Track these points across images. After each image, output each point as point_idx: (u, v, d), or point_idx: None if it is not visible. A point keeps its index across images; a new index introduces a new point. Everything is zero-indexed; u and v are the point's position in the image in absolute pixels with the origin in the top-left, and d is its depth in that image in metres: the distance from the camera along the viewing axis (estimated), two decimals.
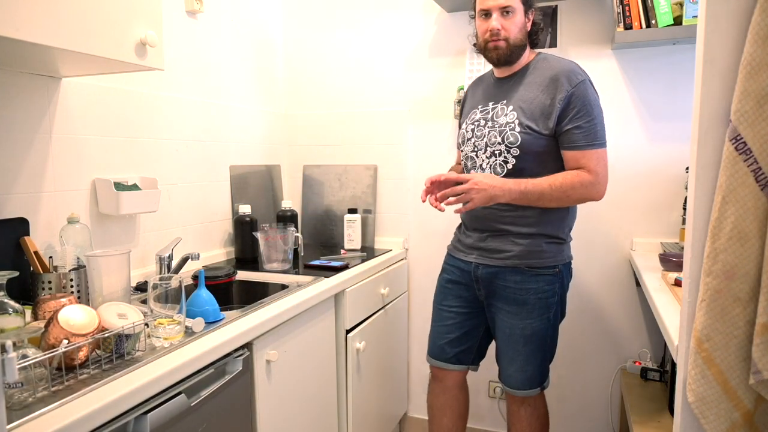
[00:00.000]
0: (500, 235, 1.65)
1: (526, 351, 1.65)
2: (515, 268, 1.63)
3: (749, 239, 0.89)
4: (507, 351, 1.69)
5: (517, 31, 1.60)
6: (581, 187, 1.55)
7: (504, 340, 1.69)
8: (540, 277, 1.62)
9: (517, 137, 1.58)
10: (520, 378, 1.67)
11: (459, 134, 1.79)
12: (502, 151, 1.61)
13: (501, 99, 1.67)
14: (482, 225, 1.69)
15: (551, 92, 1.57)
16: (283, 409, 1.48)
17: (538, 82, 1.60)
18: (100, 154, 1.60)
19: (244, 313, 1.38)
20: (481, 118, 1.69)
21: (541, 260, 1.62)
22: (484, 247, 1.68)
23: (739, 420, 0.94)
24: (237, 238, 2.09)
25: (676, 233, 2.08)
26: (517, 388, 1.68)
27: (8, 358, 0.81)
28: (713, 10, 0.92)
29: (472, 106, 1.76)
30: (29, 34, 1.03)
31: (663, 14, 1.84)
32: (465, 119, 1.77)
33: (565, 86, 1.55)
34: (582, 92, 1.55)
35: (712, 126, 0.94)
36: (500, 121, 1.63)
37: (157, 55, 1.34)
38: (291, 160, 2.59)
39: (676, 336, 1.08)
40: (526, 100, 1.60)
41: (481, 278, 1.68)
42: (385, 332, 2.13)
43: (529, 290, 1.62)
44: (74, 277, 1.31)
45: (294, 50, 2.56)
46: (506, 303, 1.65)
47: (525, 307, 1.63)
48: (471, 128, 1.71)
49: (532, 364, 1.66)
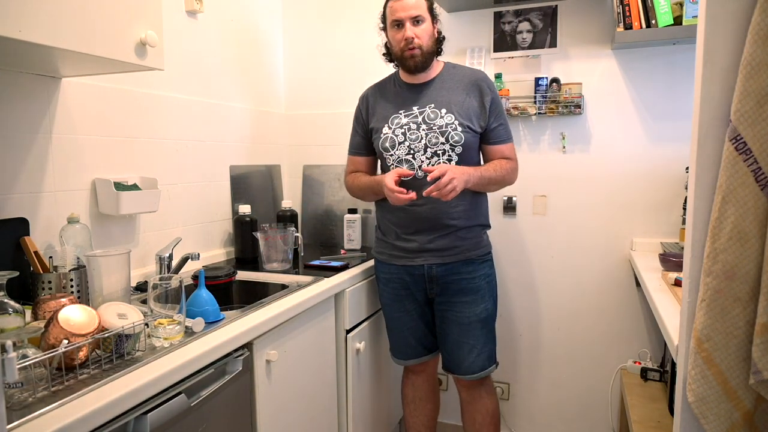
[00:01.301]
0: (446, 234, 1.76)
1: (483, 334, 1.80)
2: (467, 260, 1.77)
3: (749, 239, 0.89)
4: (466, 340, 1.79)
5: (428, 39, 1.71)
6: (511, 172, 1.79)
7: (461, 332, 1.79)
8: (485, 263, 1.81)
9: (461, 136, 1.71)
10: (481, 360, 1.80)
11: (381, 139, 1.78)
12: (446, 150, 1.72)
13: (425, 103, 1.76)
14: (428, 225, 1.75)
15: (477, 95, 1.75)
16: (283, 409, 1.48)
17: (460, 87, 1.76)
18: (100, 154, 1.60)
19: (244, 313, 1.38)
20: (411, 122, 1.75)
21: (482, 248, 1.82)
22: (434, 248, 1.76)
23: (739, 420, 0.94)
24: (237, 238, 2.09)
25: (676, 233, 2.08)
26: (480, 371, 1.80)
27: (8, 358, 0.81)
28: (713, 10, 0.92)
29: (389, 111, 1.80)
30: (30, 34, 1.03)
31: (663, 14, 1.84)
32: (385, 123, 1.79)
33: (487, 90, 1.75)
34: (497, 95, 1.79)
35: (712, 126, 0.94)
36: (438, 122, 1.72)
37: (157, 55, 1.34)
38: (291, 160, 2.59)
39: (676, 336, 1.08)
40: (456, 102, 1.74)
41: (435, 277, 1.78)
42: (385, 332, 2.12)
43: (480, 277, 1.79)
44: (74, 277, 1.31)
45: (294, 50, 2.56)
46: (462, 295, 1.78)
47: (478, 294, 1.78)
48: (401, 132, 1.76)
49: (490, 343, 1.82)
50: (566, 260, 2.24)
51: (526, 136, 2.25)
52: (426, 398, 1.99)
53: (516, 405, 2.39)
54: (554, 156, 2.21)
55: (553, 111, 2.14)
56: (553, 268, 2.27)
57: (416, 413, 2.00)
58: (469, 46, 2.27)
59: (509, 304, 2.34)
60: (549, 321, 2.29)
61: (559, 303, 2.27)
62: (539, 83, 2.14)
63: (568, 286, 2.25)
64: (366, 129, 1.89)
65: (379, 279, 1.91)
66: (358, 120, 1.92)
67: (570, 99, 2.11)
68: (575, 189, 2.20)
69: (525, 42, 2.20)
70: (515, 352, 2.35)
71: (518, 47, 2.21)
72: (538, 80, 2.14)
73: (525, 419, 2.37)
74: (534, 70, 2.20)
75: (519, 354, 2.36)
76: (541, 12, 2.17)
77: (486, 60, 2.25)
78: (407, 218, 1.77)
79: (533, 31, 2.18)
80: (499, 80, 2.21)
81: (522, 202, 2.29)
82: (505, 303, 2.34)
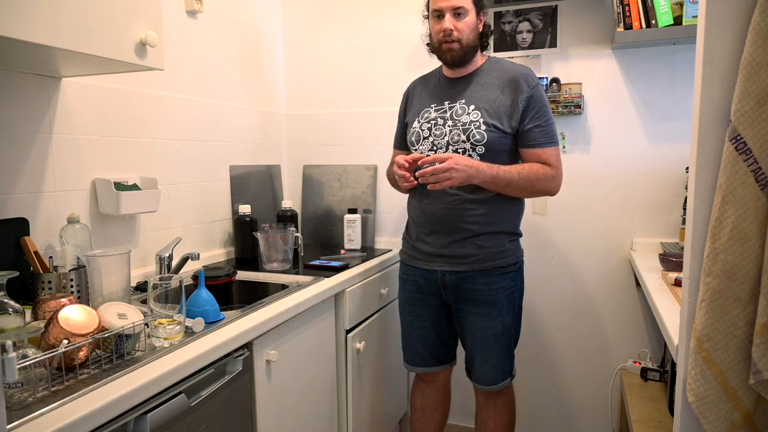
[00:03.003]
0: (463, 239, 1.66)
1: (498, 348, 1.71)
2: (483, 270, 1.66)
3: (749, 239, 0.89)
4: (480, 352, 1.72)
5: (468, 32, 1.63)
6: (545, 179, 1.63)
7: (475, 342, 1.73)
8: (506, 275, 1.68)
9: (483, 135, 1.61)
10: (494, 374, 1.73)
11: (410, 132, 1.76)
12: (466, 149, 1.64)
13: (457, 98, 1.69)
14: (443, 227, 1.68)
15: (511, 93, 1.63)
16: (283, 409, 1.48)
17: (496, 83, 1.66)
18: (100, 154, 1.60)
19: (244, 313, 1.38)
20: (438, 117, 1.70)
21: (504, 259, 1.68)
22: (449, 254, 1.68)
23: (739, 420, 0.94)
24: (237, 238, 2.09)
25: (676, 233, 2.08)
26: (493, 384, 1.74)
27: (8, 358, 0.81)
28: (713, 11, 0.92)
29: (423, 105, 1.76)
30: (30, 34, 1.03)
31: (663, 14, 1.84)
32: (416, 117, 1.76)
33: (524, 88, 1.62)
34: (539, 94, 1.64)
35: (712, 126, 0.94)
36: (463, 119, 1.65)
37: (157, 55, 1.34)
38: (291, 160, 2.59)
39: (676, 336, 1.08)
40: (487, 100, 1.64)
41: (449, 284, 1.70)
42: (385, 332, 2.13)
43: (498, 289, 1.67)
44: (74, 277, 1.31)
45: (294, 50, 2.55)
46: (476, 305, 1.69)
47: (495, 307, 1.67)
48: (427, 126, 1.71)
49: (504, 359, 1.73)
50: (566, 260, 2.24)
51: None
52: (434, 408, 1.94)
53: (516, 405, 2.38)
54: None
55: (553, 111, 2.14)
56: (553, 268, 2.26)
57: (424, 421, 1.95)
58: None
59: None
60: (549, 321, 2.29)
61: (559, 303, 2.27)
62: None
63: (568, 286, 2.25)
64: (403, 122, 1.87)
65: (399, 278, 1.88)
66: (399, 113, 1.90)
67: (570, 99, 2.11)
68: (575, 189, 2.20)
69: (525, 42, 2.20)
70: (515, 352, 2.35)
71: (518, 47, 2.21)
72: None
73: (525, 419, 2.37)
74: (534, 70, 2.19)
75: (519, 354, 2.34)
76: (541, 12, 2.17)
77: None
78: (423, 217, 1.71)
79: (533, 31, 2.18)
80: None
81: None
82: None
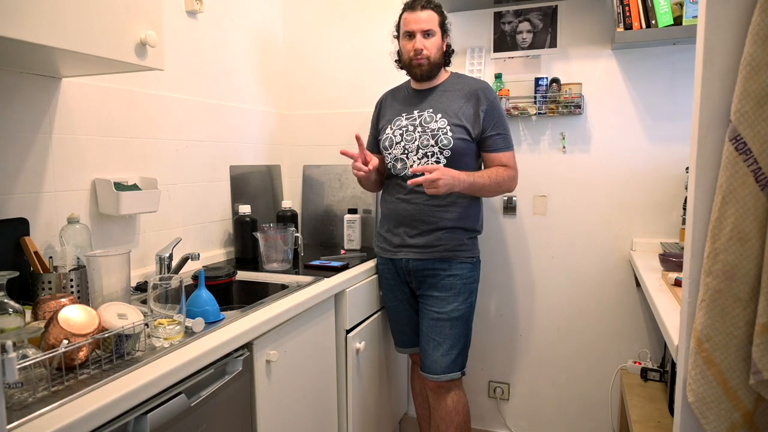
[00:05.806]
0: (427, 232, 1.85)
1: (452, 334, 1.84)
2: (443, 258, 1.84)
3: (749, 239, 0.89)
4: (434, 336, 1.85)
5: (435, 51, 1.84)
6: (509, 180, 1.86)
7: (431, 326, 1.86)
8: (464, 264, 1.86)
9: (450, 140, 1.81)
10: (445, 362, 1.84)
11: (383, 138, 1.94)
12: (435, 153, 1.83)
13: (426, 107, 1.88)
14: (410, 221, 1.87)
15: (473, 104, 1.84)
16: (283, 409, 1.48)
17: (460, 95, 1.86)
18: (100, 154, 1.60)
19: (244, 313, 1.38)
20: (409, 124, 1.88)
21: (463, 252, 1.87)
22: (413, 243, 1.87)
23: (739, 420, 0.94)
24: (237, 238, 2.09)
25: (676, 233, 2.08)
26: (443, 373, 1.84)
27: (8, 358, 0.81)
28: (713, 11, 0.92)
29: (395, 114, 1.95)
30: (30, 34, 1.03)
31: (663, 14, 1.84)
32: (389, 125, 1.94)
33: (484, 99, 1.84)
34: (497, 105, 1.86)
35: (712, 126, 0.94)
36: (431, 126, 1.84)
37: (157, 55, 1.34)
38: (291, 160, 2.59)
39: (676, 336, 1.08)
40: (452, 109, 1.84)
41: (413, 270, 1.89)
42: (385, 332, 2.13)
43: (456, 276, 1.85)
44: (74, 277, 1.31)
45: (294, 50, 2.56)
46: (436, 290, 1.86)
47: (452, 291, 1.84)
48: (399, 133, 1.89)
49: (456, 348, 1.85)
50: (566, 260, 2.24)
51: (526, 137, 2.25)
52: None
53: (516, 405, 2.39)
54: (554, 156, 2.21)
55: (553, 111, 2.14)
56: (553, 268, 2.27)
57: (425, 404, 2.09)
58: (469, 46, 2.27)
59: (509, 305, 2.34)
60: (549, 321, 2.29)
61: (559, 303, 2.27)
62: (539, 83, 2.14)
63: (568, 286, 2.25)
64: (376, 129, 2.04)
65: (377, 269, 2.04)
66: (372, 121, 2.08)
67: (570, 99, 2.11)
68: (575, 189, 2.20)
69: (525, 42, 2.20)
70: (515, 352, 2.35)
71: (518, 47, 2.21)
72: (538, 80, 2.14)
73: (525, 419, 2.37)
74: (534, 70, 2.20)
75: (519, 354, 2.36)
76: (541, 12, 2.17)
77: (486, 60, 2.25)
78: (394, 213, 1.90)
79: (533, 31, 2.18)
80: (499, 80, 2.21)
81: (522, 203, 2.29)
82: (505, 303, 2.34)
